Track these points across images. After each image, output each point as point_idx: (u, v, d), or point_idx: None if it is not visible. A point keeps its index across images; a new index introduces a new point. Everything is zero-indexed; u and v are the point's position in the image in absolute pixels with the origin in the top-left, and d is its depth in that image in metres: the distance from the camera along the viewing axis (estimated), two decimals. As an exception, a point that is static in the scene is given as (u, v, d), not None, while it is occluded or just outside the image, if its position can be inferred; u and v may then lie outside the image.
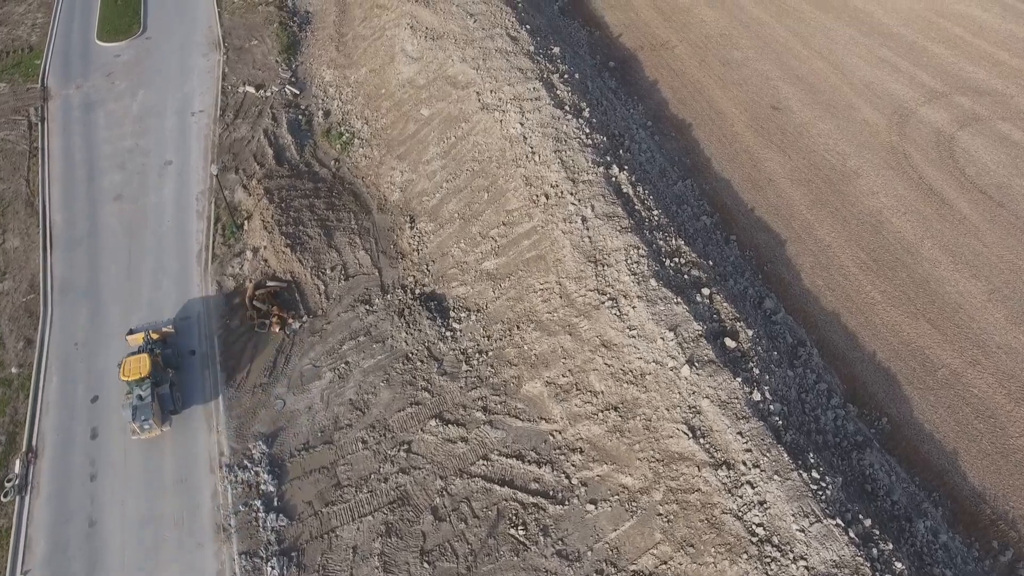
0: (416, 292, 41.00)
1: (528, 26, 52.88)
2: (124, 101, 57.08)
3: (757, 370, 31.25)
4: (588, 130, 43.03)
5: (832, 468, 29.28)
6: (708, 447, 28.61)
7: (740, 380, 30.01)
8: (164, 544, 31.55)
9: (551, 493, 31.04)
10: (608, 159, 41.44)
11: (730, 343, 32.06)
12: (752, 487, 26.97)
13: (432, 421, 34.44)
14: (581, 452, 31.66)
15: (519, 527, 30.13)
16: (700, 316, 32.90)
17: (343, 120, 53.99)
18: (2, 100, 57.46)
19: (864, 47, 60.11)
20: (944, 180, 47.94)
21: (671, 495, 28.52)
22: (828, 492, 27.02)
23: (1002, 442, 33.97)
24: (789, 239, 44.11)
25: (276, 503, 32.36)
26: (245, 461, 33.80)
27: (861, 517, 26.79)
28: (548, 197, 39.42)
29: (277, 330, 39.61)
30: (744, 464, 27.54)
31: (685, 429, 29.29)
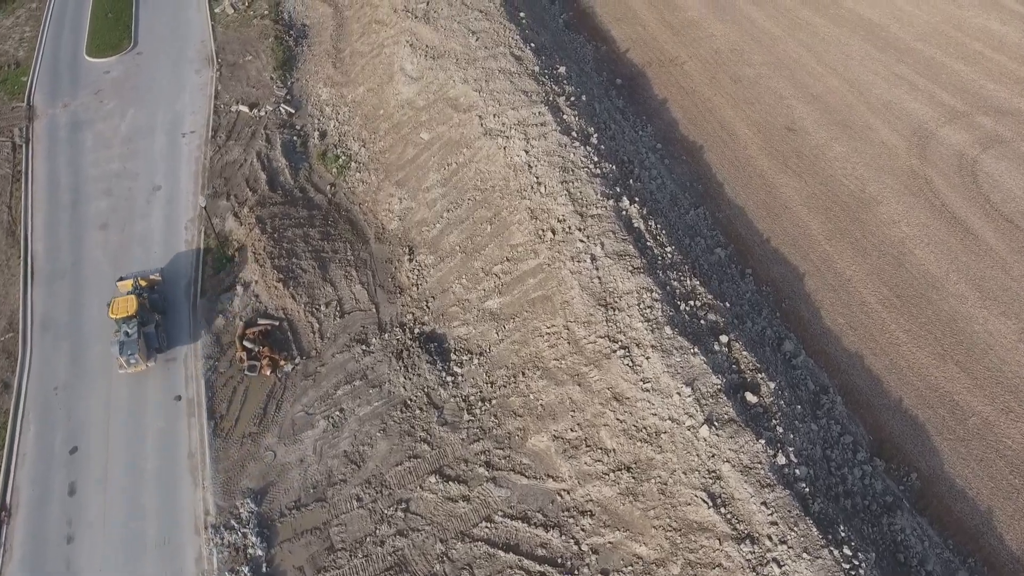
0: (415, 331, 38.87)
1: (533, 44, 50.68)
2: (113, 121, 54.96)
3: (781, 428, 29.11)
4: (596, 158, 40.86)
5: (864, 540, 27.14)
6: (730, 517, 26.49)
7: (763, 442, 27.87)
8: (145, 614, 29.57)
9: (559, 561, 28.93)
10: (618, 190, 39.28)
11: (751, 398, 29.93)
12: (779, 566, 24.85)
13: (432, 477, 32.33)
14: (591, 515, 29.54)
15: (525, 598, 28.09)
16: (718, 368, 30.74)
17: (340, 142, 51.85)
18: (-14, 120, 55.50)
19: (880, 63, 57.86)
20: (968, 207, 45.74)
21: (690, 569, 26.40)
22: (862, 570, 24.90)
23: (1040, 500, 31.91)
24: (807, 272, 41.92)
25: (265, 569, 30.24)
26: (232, 521, 31.69)
27: (897, 596, 24.73)
28: (555, 232, 37.28)
29: (268, 373, 37.49)
30: (770, 539, 25.42)
31: (704, 496, 27.17)
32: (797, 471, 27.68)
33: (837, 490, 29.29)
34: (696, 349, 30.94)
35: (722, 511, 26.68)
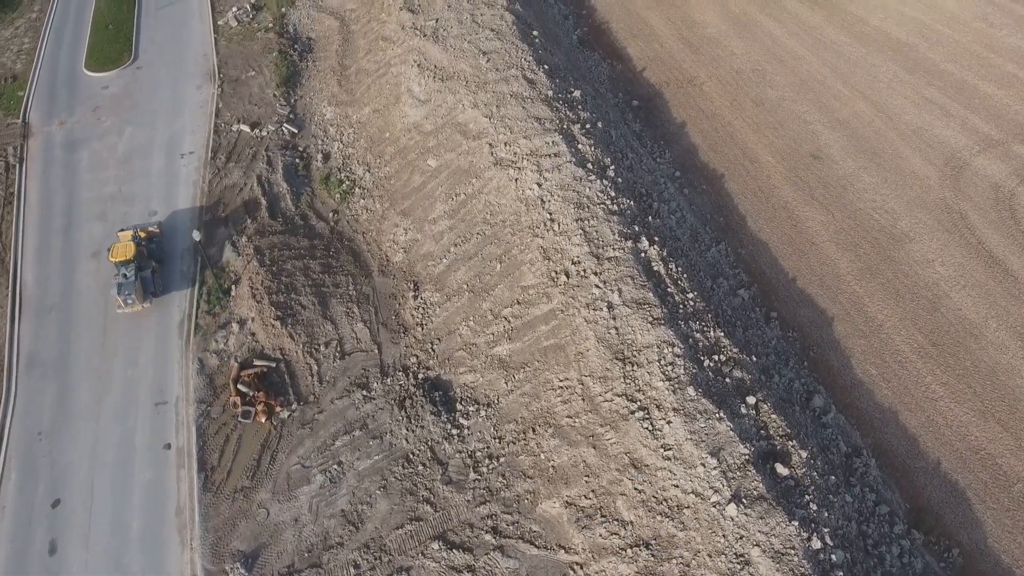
0: (419, 377, 36.68)
1: (546, 65, 48.37)
2: (109, 139, 53.04)
3: (815, 505, 26.77)
4: (613, 193, 38.55)
5: (907, 637, 24.82)
6: (760, 610, 24.22)
7: (796, 523, 25.54)
8: None
9: (571, 644, 26.77)
10: (636, 229, 36.95)
11: (782, 470, 27.59)
12: (816, 670, 22.56)
13: (435, 543, 30.14)
14: (607, 595, 27.32)
15: None
16: (746, 434, 28.41)
17: (343, 165, 49.72)
18: (-21, 138, 53.72)
19: (909, 86, 55.22)
20: (1006, 246, 43.13)
21: (715, 665, 24.15)
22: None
23: (1094, 580, 29.42)
24: (836, 316, 39.47)
25: (254, 644, 28.26)
26: (221, 589, 29.70)
27: None
28: (569, 275, 35.01)
29: (263, 420, 35.40)
30: (805, 638, 23.13)
31: (732, 583, 24.90)
32: (833, 556, 25.33)
33: (875, 574, 26.89)
34: (722, 413, 28.61)
35: (751, 602, 24.42)
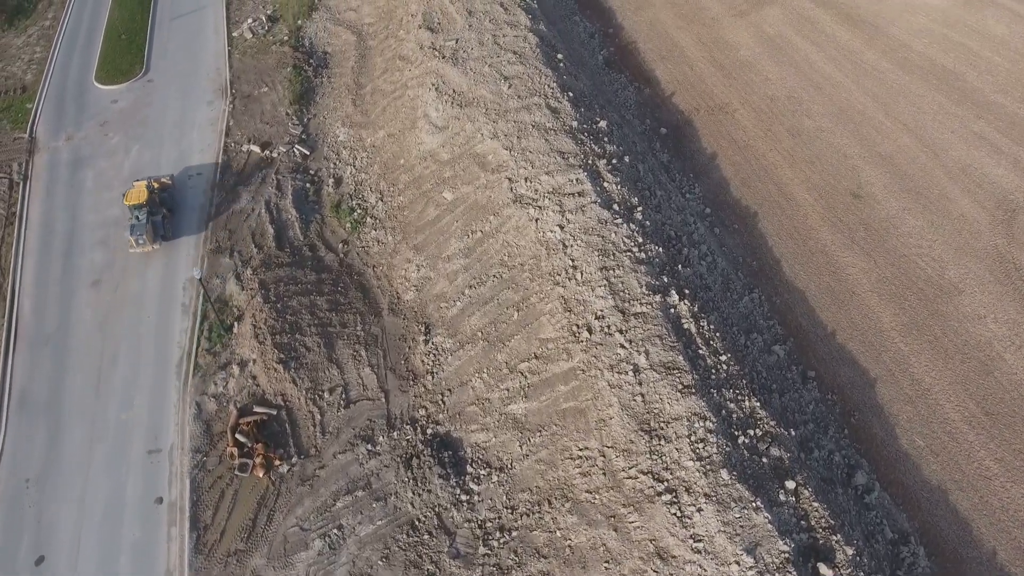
0: (428, 432, 34.33)
1: (571, 93, 45.78)
2: (116, 158, 51.31)
3: (862, 614, 24.05)
4: (641, 238, 35.91)
5: None
6: None
7: (843, 639, 22.87)
8: None
9: None
10: (665, 280, 34.29)
11: (825, 571, 24.87)
12: None
13: (439, 627, 27.85)
14: None
15: None
16: (785, 526, 25.71)
17: (356, 192, 47.51)
18: (-16, 153, 52.25)
19: (956, 119, 51.84)
20: (1065, 301, 39.90)
21: None
22: None
23: None
24: (880, 377, 36.51)
25: None
26: (208, 669, 27.58)
27: None
28: (591, 331, 32.45)
29: (261, 475, 33.25)
30: None
31: None
32: (884, 677, 22.62)
33: None
34: (759, 501, 25.93)
35: None
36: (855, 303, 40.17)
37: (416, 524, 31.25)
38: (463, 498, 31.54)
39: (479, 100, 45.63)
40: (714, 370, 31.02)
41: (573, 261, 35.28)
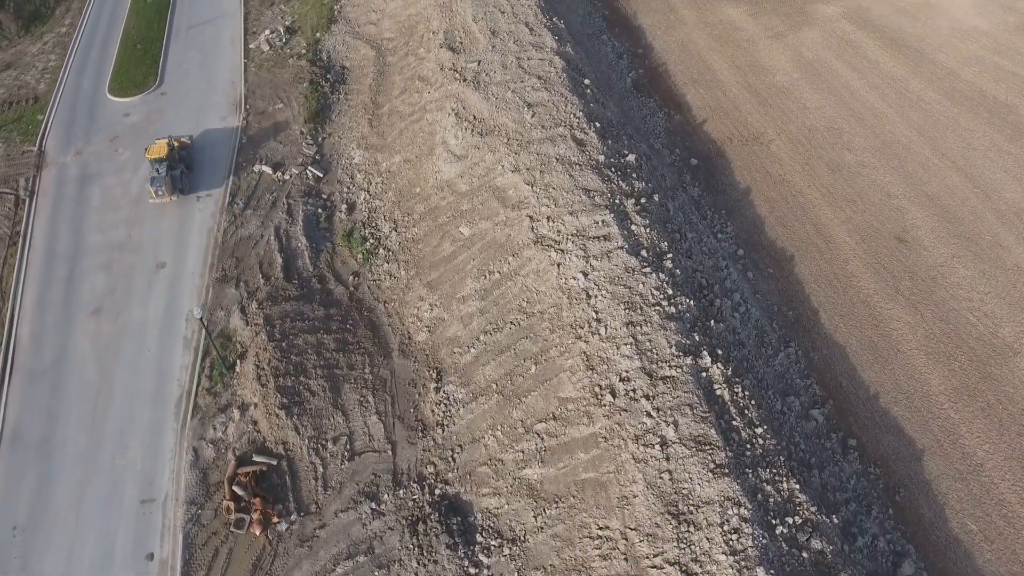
0: (436, 492, 32.07)
1: (598, 123, 43.25)
2: (124, 175, 49.73)
3: None
4: (671, 290, 33.34)
5: None
6: None
7: None
8: None
9: None
10: (696, 338, 31.71)
11: None
12: None
13: None
14: None
15: None
16: (829, 638, 23.14)
17: (369, 219, 45.42)
18: (-8, 167, 50.94)
19: (1011, 157, 48.49)
20: None
21: None
22: None
23: None
24: (927, 449, 33.58)
25: None
26: None
27: None
28: (615, 395, 29.97)
29: (258, 532, 31.19)
30: None
31: None
32: None
33: None
34: (799, 607, 23.38)
35: None
36: (900, 362, 37.21)
37: (420, 598, 29.06)
38: (471, 571, 29.23)
39: (501, 128, 43.30)
40: (749, 445, 28.39)
41: (597, 313, 32.81)
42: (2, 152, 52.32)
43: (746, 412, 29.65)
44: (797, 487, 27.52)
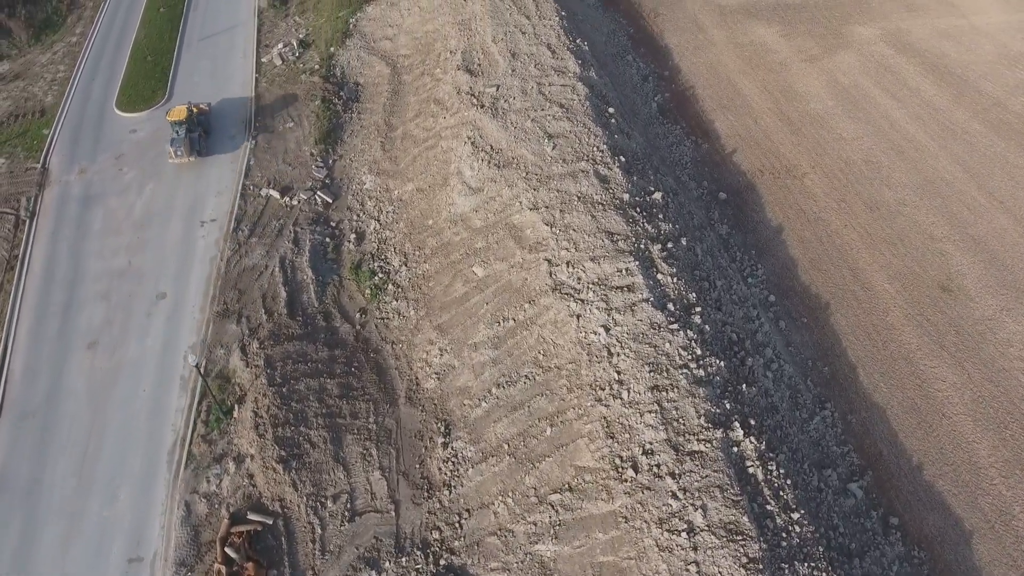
0: (441, 563, 29.87)
1: (623, 157, 40.79)
2: (128, 197, 48.00)
3: None
4: (700, 349, 30.83)
5: None
6: None
7: None
8: None
9: None
10: (727, 406, 29.18)
11: None
12: None
13: None
14: None
15: None
16: None
17: (378, 251, 43.28)
18: (-6, 185, 49.44)
19: (1063, 197, 45.44)
20: None
21: None
22: None
23: None
24: (976, 531, 30.81)
25: None
26: None
27: None
28: (637, 470, 27.55)
29: (249, 603, 29.29)
30: None
31: None
32: None
33: None
34: None
35: None
36: (945, 428, 34.39)
37: None
38: (477, 658, 27.03)
39: (519, 161, 40.96)
40: (785, 534, 25.84)
41: (619, 374, 30.38)
42: (5, 169, 50.84)
43: (781, 494, 27.08)
44: (838, 585, 24.97)
